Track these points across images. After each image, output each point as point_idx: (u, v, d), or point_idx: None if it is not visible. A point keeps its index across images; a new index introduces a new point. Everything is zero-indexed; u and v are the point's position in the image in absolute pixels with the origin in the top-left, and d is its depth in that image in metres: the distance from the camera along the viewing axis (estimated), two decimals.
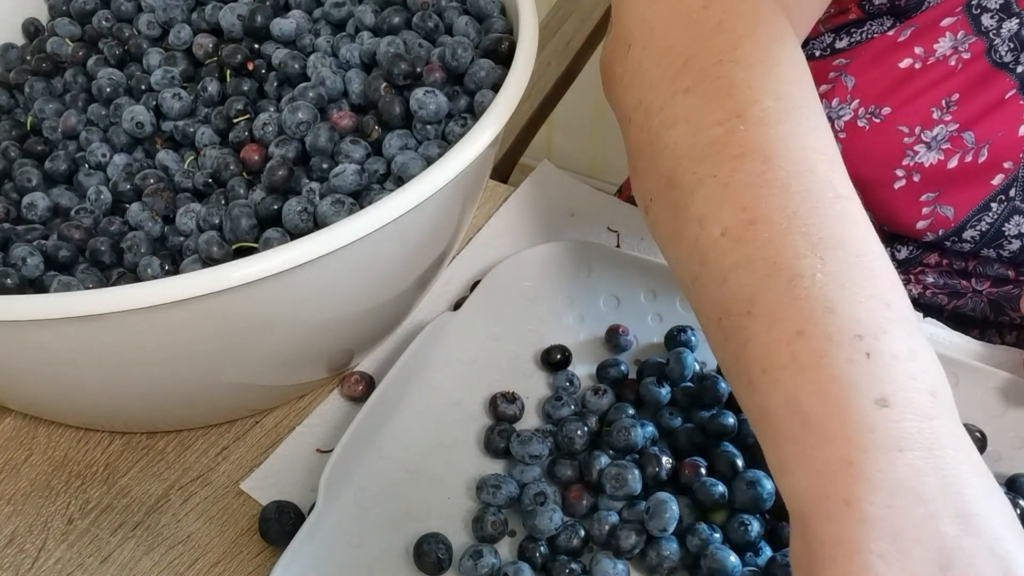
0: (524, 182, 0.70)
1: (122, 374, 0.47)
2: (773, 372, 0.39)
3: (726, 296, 0.42)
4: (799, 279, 0.40)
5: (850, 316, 0.39)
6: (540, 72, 0.95)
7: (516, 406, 0.55)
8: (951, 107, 0.61)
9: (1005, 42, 0.59)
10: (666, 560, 0.48)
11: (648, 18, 0.51)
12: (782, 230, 0.41)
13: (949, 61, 0.61)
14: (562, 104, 1.00)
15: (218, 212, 0.50)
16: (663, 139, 0.47)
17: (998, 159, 0.61)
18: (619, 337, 0.59)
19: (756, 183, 0.43)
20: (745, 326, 0.41)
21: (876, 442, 0.36)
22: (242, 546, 0.52)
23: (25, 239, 0.51)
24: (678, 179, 0.46)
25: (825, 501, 0.36)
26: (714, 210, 0.43)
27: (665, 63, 0.49)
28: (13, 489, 0.54)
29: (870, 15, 0.64)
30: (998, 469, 0.53)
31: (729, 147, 0.44)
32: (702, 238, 0.44)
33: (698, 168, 0.45)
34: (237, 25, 0.57)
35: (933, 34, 0.61)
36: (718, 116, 0.45)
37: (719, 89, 0.46)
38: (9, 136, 0.58)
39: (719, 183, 0.44)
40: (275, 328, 0.47)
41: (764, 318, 0.40)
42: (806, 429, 0.38)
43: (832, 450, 0.37)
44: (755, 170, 0.43)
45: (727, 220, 0.43)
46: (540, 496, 0.51)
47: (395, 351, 0.59)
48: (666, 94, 0.48)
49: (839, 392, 0.37)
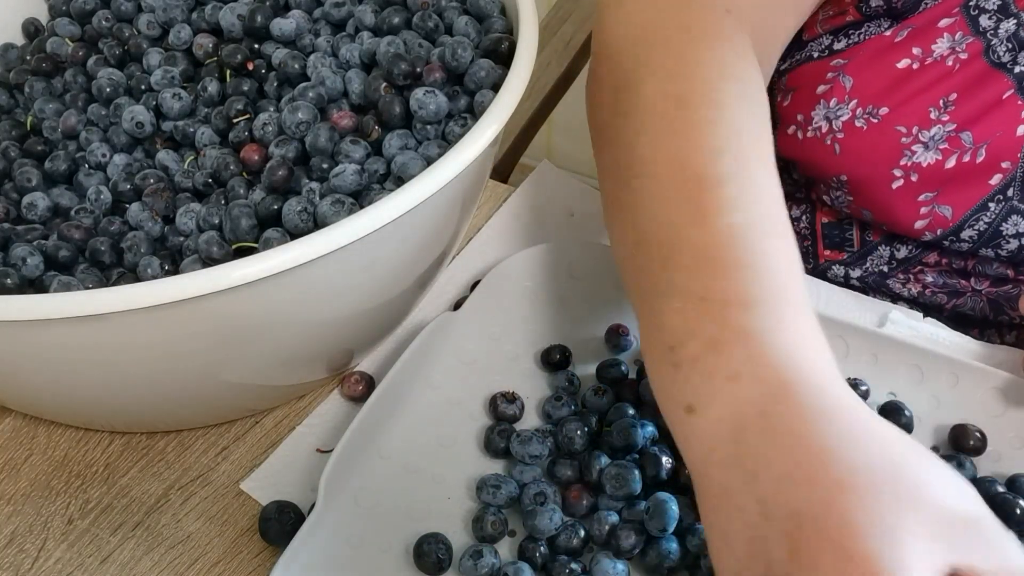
0: (524, 182, 0.70)
1: (122, 374, 0.47)
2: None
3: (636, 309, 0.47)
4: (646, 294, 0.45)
5: (666, 327, 0.42)
6: (540, 72, 0.95)
7: (516, 406, 0.55)
8: (949, 107, 0.61)
9: (1003, 42, 0.60)
10: (666, 560, 0.48)
11: (607, 37, 0.55)
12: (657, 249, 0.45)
13: (947, 61, 0.61)
14: (562, 104, 1.00)
15: (218, 212, 0.50)
16: (604, 158, 0.53)
17: (996, 159, 0.61)
18: (619, 337, 0.59)
19: (651, 200, 0.47)
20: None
21: (699, 450, 0.39)
22: (242, 546, 0.52)
23: (25, 239, 0.51)
24: (612, 198, 0.51)
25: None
26: (628, 230, 0.48)
27: (612, 84, 0.53)
28: (13, 489, 0.54)
29: (868, 17, 0.64)
30: (998, 469, 0.53)
31: (637, 166, 0.48)
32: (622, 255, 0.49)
33: (621, 189, 0.50)
34: (237, 25, 0.57)
35: (931, 35, 0.61)
36: (631, 138, 0.50)
37: (637, 111, 0.50)
38: (9, 136, 0.58)
39: (633, 202, 0.48)
40: (275, 328, 0.47)
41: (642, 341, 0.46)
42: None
43: (689, 463, 0.40)
44: (650, 187, 0.47)
45: (631, 239, 0.48)
46: (540, 496, 0.51)
47: (395, 351, 0.59)
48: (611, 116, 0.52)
49: (668, 408, 0.42)
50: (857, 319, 0.60)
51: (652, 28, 0.53)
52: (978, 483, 0.52)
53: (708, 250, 0.43)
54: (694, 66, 0.51)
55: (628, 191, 0.48)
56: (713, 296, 0.41)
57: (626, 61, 0.53)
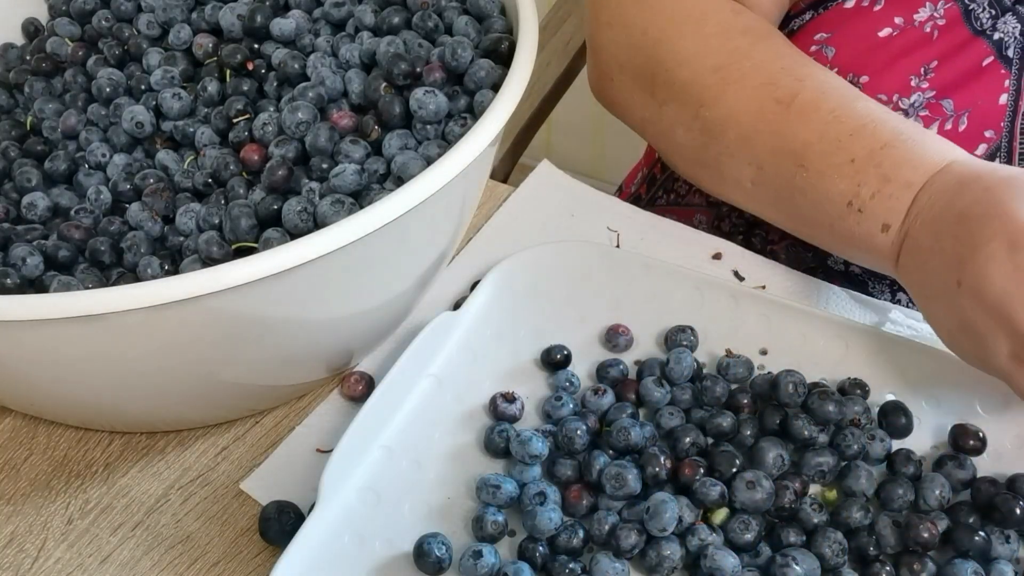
0: (524, 182, 0.70)
1: (122, 374, 0.47)
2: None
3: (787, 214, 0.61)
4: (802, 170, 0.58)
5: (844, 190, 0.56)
6: (540, 72, 0.95)
7: (516, 406, 0.55)
8: (929, 74, 0.61)
9: (984, 8, 0.60)
10: (666, 560, 0.48)
11: (614, 53, 0.65)
12: (784, 166, 0.58)
13: (925, 28, 0.61)
14: (562, 104, 1.00)
15: (218, 212, 0.50)
16: (671, 144, 0.64)
17: (979, 128, 0.61)
18: (619, 337, 0.59)
19: (746, 142, 0.60)
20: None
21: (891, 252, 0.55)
22: (242, 546, 0.52)
23: (25, 239, 0.51)
24: (703, 162, 0.63)
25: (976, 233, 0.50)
26: (739, 172, 0.60)
27: (640, 86, 0.64)
28: (13, 489, 0.54)
29: None
30: (998, 469, 0.53)
31: (715, 128, 0.61)
32: (737, 189, 0.62)
33: (707, 153, 0.62)
34: (237, 25, 0.57)
35: (913, 4, 0.61)
36: (693, 113, 0.61)
37: (679, 93, 0.62)
38: (9, 136, 0.58)
39: (730, 152, 0.60)
40: (275, 328, 0.47)
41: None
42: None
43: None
44: (740, 133, 0.59)
45: (748, 174, 0.60)
46: (540, 496, 0.51)
47: (395, 351, 0.59)
48: (653, 110, 0.64)
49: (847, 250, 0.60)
50: (857, 319, 0.60)
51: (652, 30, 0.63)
52: (978, 483, 0.52)
53: (828, 133, 0.56)
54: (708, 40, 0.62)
55: (716, 150, 0.61)
56: (859, 154, 0.55)
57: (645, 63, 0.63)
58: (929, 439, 0.55)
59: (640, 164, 0.88)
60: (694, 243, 0.66)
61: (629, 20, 0.64)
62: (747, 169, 0.59)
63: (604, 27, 0.65)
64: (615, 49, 0.64)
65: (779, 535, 0.50)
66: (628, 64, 0.64)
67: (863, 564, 0.49)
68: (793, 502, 0.50)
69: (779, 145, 0.57)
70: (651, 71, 0.63)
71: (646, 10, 0.63)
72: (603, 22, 0.65)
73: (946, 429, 0.55)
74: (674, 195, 0.81)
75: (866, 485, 0.52)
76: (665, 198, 0.82)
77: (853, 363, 0.57)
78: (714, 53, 0.61)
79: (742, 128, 0.59)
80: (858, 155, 0.55)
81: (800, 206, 0.58)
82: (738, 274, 0.64)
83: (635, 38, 0.63)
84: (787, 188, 0.58)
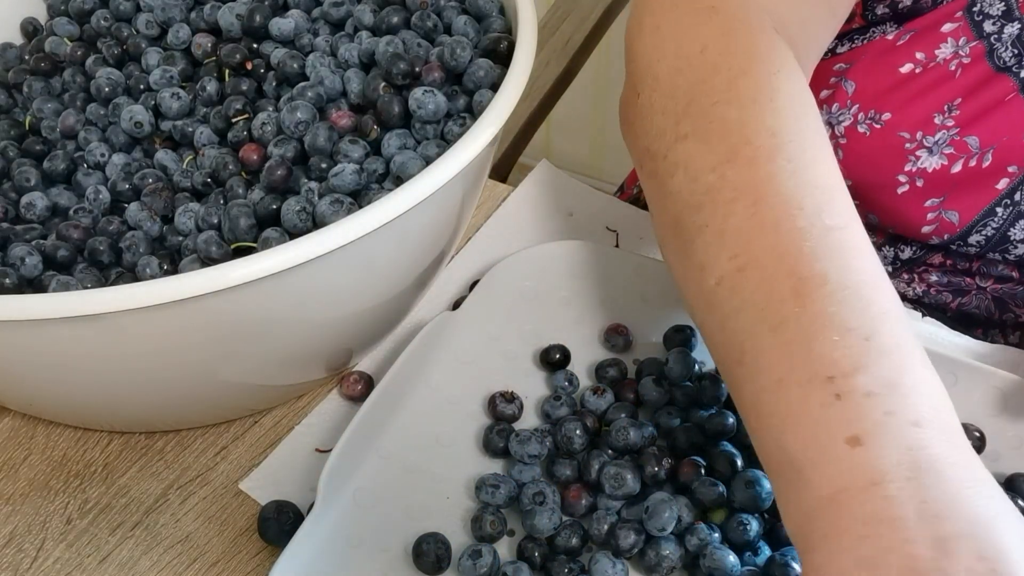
0: (523, 182, 0.70)
1: (121, 373, 0.47)
2: (763, 419, 0.41)
3: (724, 343, 0.44)
4: (783, 324, 0.41)
5: (826, 358, 0.39)
6: (539, 72, 0.95)
7: (515, 406, 0.55)
8: (953, 111, 0.61)
9: (1007, 47, 0.59)
10: (665, 560, 0.48)
11: (652, 65, 0.52)
12: (769, 274, 0.42)
13: (949, 65, 0.61)
14: (561, 104, 1.00)
15: (217, 212, 0.50)
16: (667, 186, 0.49)
17: (1002, 163, 0.61)
18: (618, 337, 0.59)
19: (747, 227, 0.44)
20: (738, 374, 0.43)
21: (852, 481, 0.37)
22: (241, 546, 0.52)
23: (24, 239, 0.51)
24: (682, 227, 0.47)
25: (810, 536, 0.38)
26: (711, 258, 0.45)
27: (668, 109, 0.50)
28: (12, 489, 0.54)
29: (872, 23, 0.64)
30: (997, 469, 0.53)
31: (723, 192, 0.45)
32: (704, 286, 0.45)
33: (696, 216, 0.46)
34: (236, 25, 0.57)
35: (934, 39, 0.61)
36: (711, 161, 0.46)
37: (713, 132, 0.47)
38: (8, 136, 0.58)
39: (715, 231, 0.45)
40: (274, 328, 0.47)
41: (751, 367, 0.42)
42: (793, 472, 0.39)
43: (813, 491, 0.38)
44: (746, 213, 0.44)
45: (721, 269, 0.44)
46: (539, 496, 0.51)
47: (394, 351, 0.59)
48: (669, 141, 0.49)
49: (817, 436, 0.39)
50: None
51: (710, 52, 0.50)
52: None
53: (852, 290, 0.41)
54: (769, 91, 0.48)
55: (708, 217, 0.46)
56: (881, 340, 0.40)
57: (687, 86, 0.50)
58: None
59: None
60: None
61: (686, 30, 0.51)
62: (726, 263, 0.44)
63: (649, 31, 0.53)
64: (657, 58, 0.52)
65: (778, 534, 0.50)
66: (666, 80, 0.50)
67: None
68: None
69: (787, 253, 0.43)
70: (690, 96, 0.49)
71: (713, 26, 0.51)
72: (649, 26, 0.53)
73: None
74: None
75: None
76: None
77: None
78: (776, 113, 0.47)
79: (758, 211, 0.44)
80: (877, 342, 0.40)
81: (755, 336, 0.42)
82: None
83: (687, 51, 0.50)
84: (758, 308, 0.43)
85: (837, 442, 0.38)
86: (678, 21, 0.52)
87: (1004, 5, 0.59)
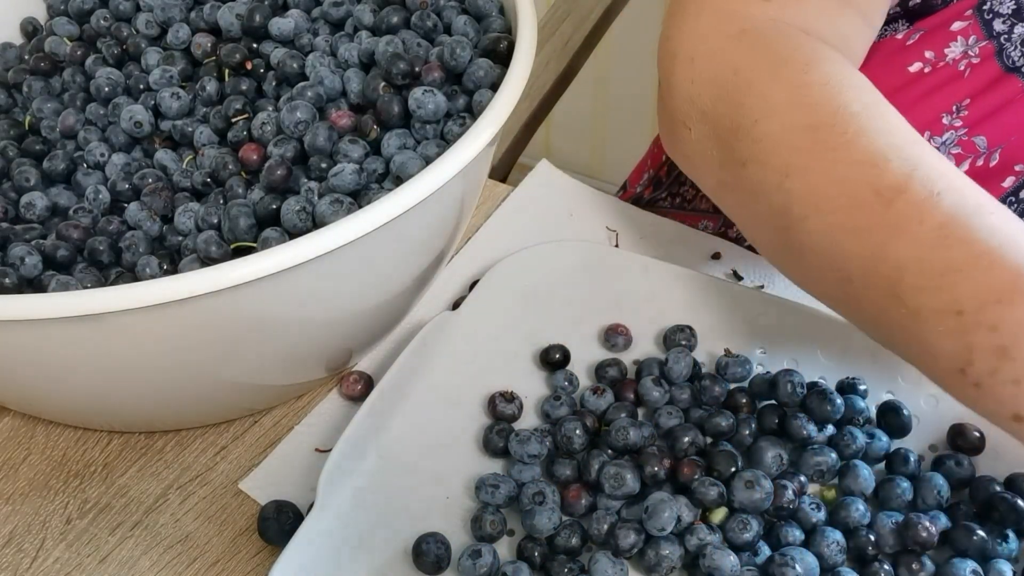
0: (523, 182, 0.70)
1: (120, 373, 0.47)
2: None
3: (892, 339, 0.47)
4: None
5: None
6: (539, 72, 0.95)
7: (515, 405, 0.55)
8: (961, 112, 0.60)
9: (1017, 46, 0.59)
10: (665, 560, 0.48)
11: (695, 99, 0.53)
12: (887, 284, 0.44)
13: (959, 65, 0.60)
14: (560, 104, 1.00)
15: (216, 212, 0.50)
16: (751, 217, 0.51)
17: (1010, 162, 0.61)
18: (618, 337, 0.59)
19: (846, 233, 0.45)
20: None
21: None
22: (241, 546, 0.52)
23: (23, 238, 0.51)
24: (782, 261, 0.51)
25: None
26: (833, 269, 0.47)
27: (720, 141, 0.51)
28: (11, 489, 0.54)
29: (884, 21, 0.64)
30: (996, 468, 0.53)
31: (808, 201, 0.47)
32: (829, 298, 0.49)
33: (796, 234, 0.48)
34: (235, 24, 0.57)
35: (944, 38, 0.61)
36: (775, 179, 0.48)
37: (765, 150, 0.49)
38: (7, 135, 0.58)
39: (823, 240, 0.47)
40: (273, 328, 0.47)
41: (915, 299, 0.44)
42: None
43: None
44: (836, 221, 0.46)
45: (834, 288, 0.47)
46: (539, 496, 0.51)
47: (394, 350, 0.59)
48: (732, 172, 0.51)
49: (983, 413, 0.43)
50: None
51: (745, 70, 0.51)
52: (976, 482, 0.52)
53: (929, 261, 0.42)
54: (807, 90, 0.49)
55: (800, 233, 0.47)
56: (967, 305, 0.41)
57: (728, 112, 0.51)
58: (927, 438, 0.55)
59: (646, 165, 0.88)
60: (693, 243, 0.66)
61: (718, 55, 0.52)
62: (832, 276, 0.46)
63: (683, 64, 0.53)
64: (698, 90, 0.52)
65: (778, 534, 0.50)
66: (711, 111, 0.51)
67: (862, 563, 0.49)
68: (792, 501, 0.50)
69: (869, 255, 0.44)
70: (735, 122, 0.50)
71: (743, 46, 0.51)
72: (683, 58, 0.53)
73: (944, 428, 0.55)
74: (680, 199, 0.81)
75: (865, 484, 0.52)
76: (669, 201, 0.82)
77: (852, 362, 0.57)
78: (813, 108, 0.48)
79: (825, 220, 0.46)
80: (966, 306, 0.42)
81: (899, 345, 0.46)
82: (737, 274, 0.64)
83: (723, 77, 0.51)
84: (881, 317, 0.45)
85: (1008, 423, 0.42)
86: (710, 50, 0.52)
87: (1015, 4, 0.59)
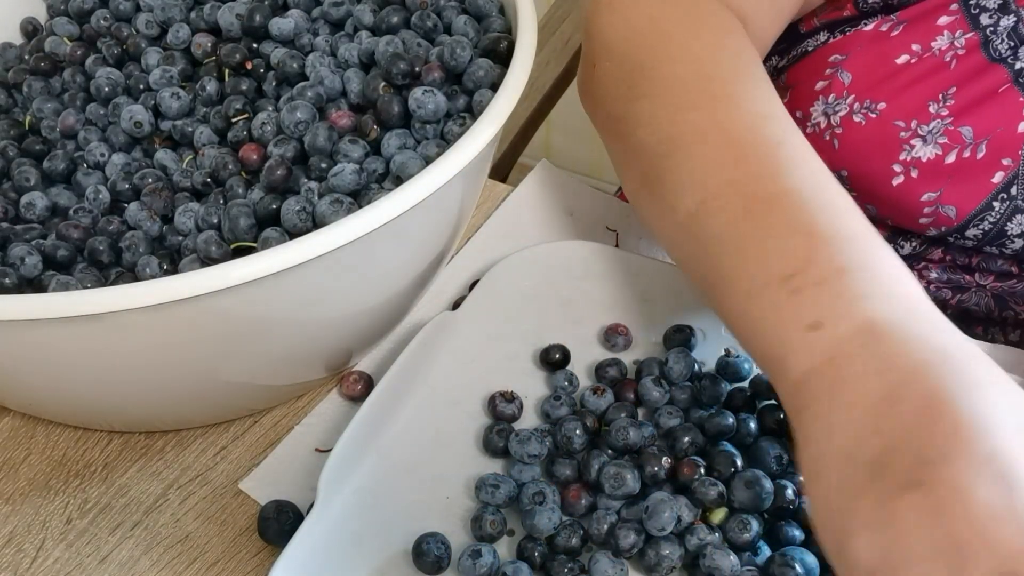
0: (523, 182, 0.70)
1: (120, 373, 0.47)
2: (745, 330, 0.47)
3: (702, 272, 0.49)
4: (743, 241, 0.47)
5: (779, 260, 0.45)
6: (539, 71, 0.95)
7: (515, 405, 0.55)
8: (947, 100, 0.61)
9: (1002, 38, 0.60)
10: (665, 560, 0.48)
11: (607, 39, 0.58)
12: (729, 202, 0.48)
13: (945, 56, 0.61)
14: (561, 103, 1.00)
15: (217, 211, 0.50)
16: (631, 143, 0.55)
17: (997, 156, 0.61)
18: (618, 337, 0.59)
19: (708, 163, 0.50)
20: (716, 296, 0.49)
21: (813, 362, 0.42)
22: (241, 546, 0.52)
23: (23, 238, 0.51)
24: (649, 177, 0.53)
25: (793, 419, 0.43)
26: (680, 197, 0.50)
27: (622, 74, 0.56)
28: (11, 489, 0.54)
29: (864, 13, 0.64)
30: None
31: (684, 136, 0.51)
32: (677, 223, 0.51)
33: (662, 163, 0.52)
34: (236, 24, 0.57)
35: (930, 32, 0.61)
36: (669, 113, 0.53)
37: (667, 88, 0.53)
38: (7, 135, 0.58)
39: (680, 172, 0.51)
40: (273, 328, 0.47)
41: (724, 287, 0.48)
42: (776, 368, 0.44)
43: (790, 378, 0.43)
44: (704, 152, 0.50)
45: (688, 205, 0.50)
46: (539, 495, 0.51)
47: (394, 350, 0.59)
48: (625, 102, 0.55)
49: (785, 330, 0.44)
50: None
51: (660, 22, 0.56)
52: None
53: (794, 197, 0.46)
54: (715, 49, 0.54)
55: (672, 162, 0.51)
56: (821, 231, 0.45)
57: (637, 52, 0.56)
58: None
59: None
60: None
61: (640, 4, 0.58)
62: (690, 199, 0.49)
63: (605, 11, 0.59)
64: (611, 33, 0.58)
65: (778, 534, 0.50)
66: (618, 50, 0.57)
67: None
68: (792, 501, 0.50)
69: (740, 180, 0.48)
70: (640, 61, 0.55)
71: (663, 2, 0.57)
72: (605, 6, 0.59)
73: None
74: None
75: None
76: None
77: None
78: (724, 64, 0.54)
79: (715, 147, 0.50)
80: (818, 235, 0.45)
81: (722, 257, 0.48)
82: None
83: (638, 24, 0.57)
84: (722, 233, 0.48)
85: (799, 331, 0.43)
86: (632, 0, 0.58)
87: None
